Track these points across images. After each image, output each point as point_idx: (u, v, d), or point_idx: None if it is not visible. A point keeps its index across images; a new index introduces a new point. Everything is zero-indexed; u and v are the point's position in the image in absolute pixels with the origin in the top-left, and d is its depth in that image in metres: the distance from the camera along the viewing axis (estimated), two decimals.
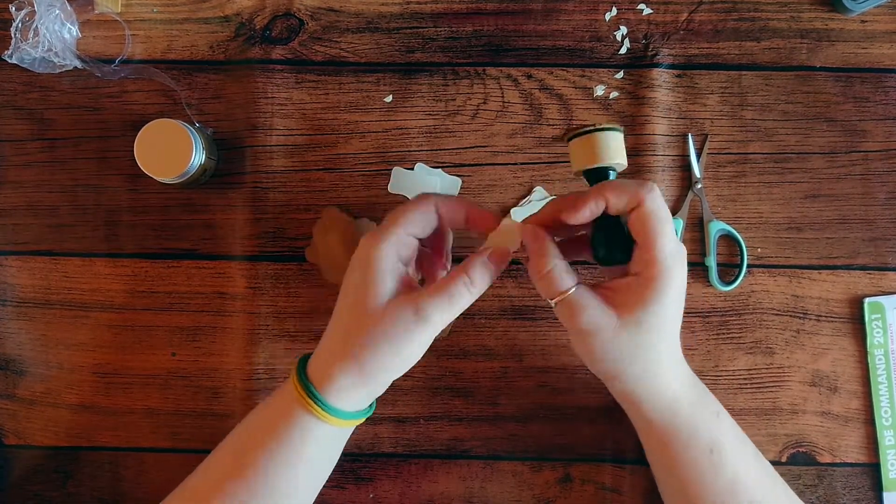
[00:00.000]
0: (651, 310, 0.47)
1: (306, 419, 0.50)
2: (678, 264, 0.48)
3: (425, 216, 0.51)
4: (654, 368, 0.50)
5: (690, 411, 0.51)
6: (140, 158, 0.58)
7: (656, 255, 0.47)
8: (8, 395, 0.64)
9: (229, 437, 0.54)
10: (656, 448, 0.54)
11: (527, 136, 0.64)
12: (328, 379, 0.50)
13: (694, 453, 0.51)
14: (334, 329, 0.52)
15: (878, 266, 0.63)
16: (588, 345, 0.49)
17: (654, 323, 0.48)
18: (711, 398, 0.53)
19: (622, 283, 0.49)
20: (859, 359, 0.63)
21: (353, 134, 0.64)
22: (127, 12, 0.65)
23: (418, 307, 0.49)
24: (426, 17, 0.64)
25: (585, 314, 0.48)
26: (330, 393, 0.50)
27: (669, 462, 0.53)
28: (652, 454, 0.56)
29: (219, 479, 0.52)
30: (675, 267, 0.48)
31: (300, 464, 0.52)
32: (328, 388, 0.50)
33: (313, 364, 0.52)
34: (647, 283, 0.47)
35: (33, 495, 0.63)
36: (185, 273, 0.64)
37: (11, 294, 0.64)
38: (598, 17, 0.64)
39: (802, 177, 0.64)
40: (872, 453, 0.62)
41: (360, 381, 0.50)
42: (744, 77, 0.64)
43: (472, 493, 0.63)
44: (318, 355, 0.52)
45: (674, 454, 0.52)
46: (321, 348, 0.52)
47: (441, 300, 0.49)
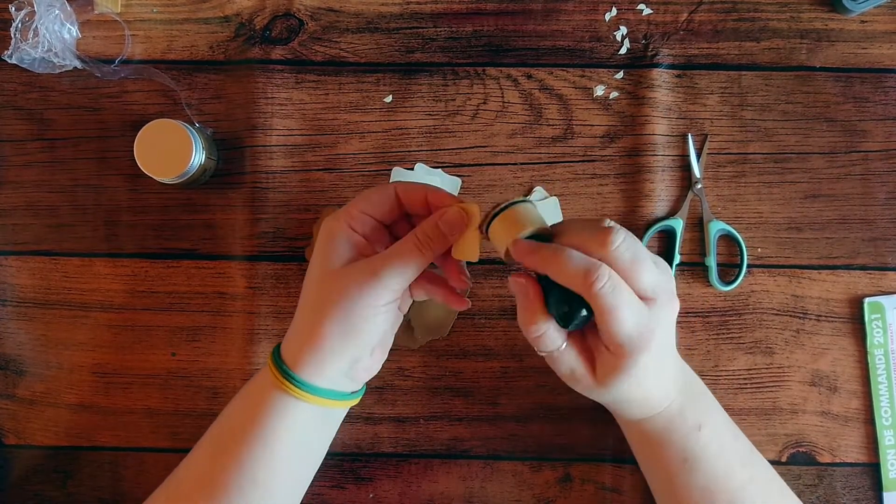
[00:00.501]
0: (620, 380, 0.47)
1: (282, 399, 0.51)
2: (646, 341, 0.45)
3: (381, 196, 0.52)
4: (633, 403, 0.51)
5: (666, 427, 0.52)
6: (140, 158, 0.58)
7: (615, 342, 0.45)
8: (8, 395, 0.63)
9: (209, 429, 0.54)
10: (638, 447, 0.56)
11: (527, 137, 0.64)
12: (298, 356, 0.50)
13: (667, 461, 0.53)
14: (298, 308, 0.52)
15: (878, 266, 0.63)
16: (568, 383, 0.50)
17: (626, 387, 0.48)
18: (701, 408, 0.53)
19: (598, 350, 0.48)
20: (859, 359, 0.63)
21: (353, 134, 0.64)
22: (127, 12, 0.65)
23: (372, 265, 0.49)
24: (426, 17, 0.64)
25: (566, 371, 0.49)
26: (302, 369, 0.50)
27: (650, 462, 0.55)
28: (635, 450, 0.58)
29: (200, 471, 0.52)
30: (642, 346, 0.45)
31: (280, 447, 0.52)
32: (300, 364, 0.50)
33: (285, 345, 0.52)
34: (616, 361, 0.46)
35: (33, 495, 0.63)
36: (185, 273, 0.64)
37: (11, 294, 0.64)
38: (598, 17, 0.64)
39: (802, 177, 0.64)
40: (872, 453, 0.62)
41: (326, 351, 0.50)
42: (744, 77, 0.64)
43: (472, 493, 0.63)
44: (288, 337, 0.53)
45: (653, 456, 0.54)
46: (290, 329, 0.53)
47: (393, 259, 0.49)
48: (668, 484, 0.53)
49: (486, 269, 0.63)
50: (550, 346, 0.48)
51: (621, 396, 0.49)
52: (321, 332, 0.50)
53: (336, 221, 0.51)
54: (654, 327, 0.46)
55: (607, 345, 0.46)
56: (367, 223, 0.52)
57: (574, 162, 0.64)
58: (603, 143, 0.64)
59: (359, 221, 0.51)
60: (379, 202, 0.52)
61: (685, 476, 0.52)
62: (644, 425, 0.53)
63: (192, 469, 0.54)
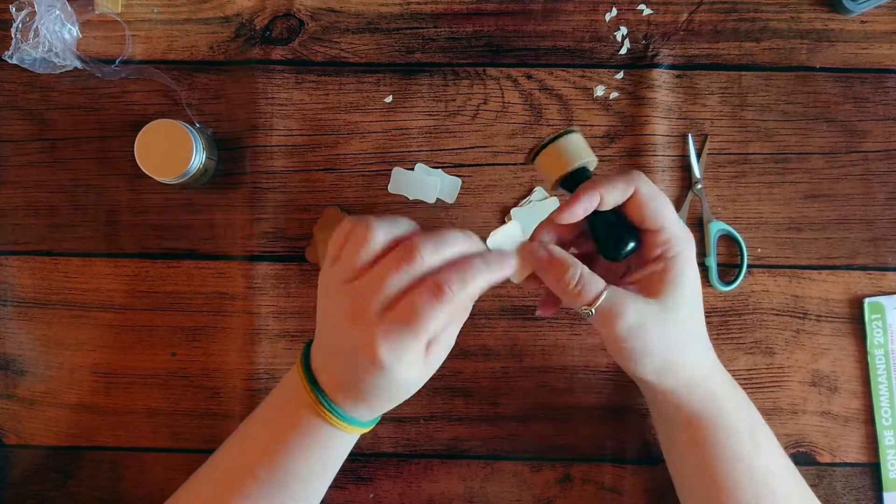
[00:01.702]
0: (683, 287, 0.47)
1: (324, 427, 0.48)
2: (689, 241, 0.48)
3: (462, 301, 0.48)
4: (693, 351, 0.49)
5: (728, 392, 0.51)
6: (140, 158, 0.58)
7: (669, 235, 0.47)
8: (8, 395, 0.64)
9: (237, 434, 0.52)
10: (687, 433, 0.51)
11: (527, 137, 0.64)
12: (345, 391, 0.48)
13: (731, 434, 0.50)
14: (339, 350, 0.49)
15: (878, 266, 0.63)
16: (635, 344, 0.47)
17: (689, 301, 0.48)
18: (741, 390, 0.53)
19: (646, 273, 0.48)
20: (859, 359, 0.63)
21: (354, 134, 0.64)
22: (127, 13, 0.65)
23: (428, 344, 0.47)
24: (426, 17, 0.64)
25: (628, 312, 0.46)
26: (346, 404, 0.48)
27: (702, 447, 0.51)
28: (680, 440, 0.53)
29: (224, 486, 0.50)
30: (688, 243, 0.48)
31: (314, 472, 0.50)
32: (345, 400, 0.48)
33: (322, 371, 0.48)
34: (670, 263, 0.47)
35: (33, 495, 0.63)
36: (185, 273, 0.64)
37: (11, 294, 0.64)
38: (598, 17, 0.64)
39: (802, 177, 0.64)
40: (872, 453, 0.62)
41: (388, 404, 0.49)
42: (744, 77, 0.64)
43: (472, 493, 0.63)
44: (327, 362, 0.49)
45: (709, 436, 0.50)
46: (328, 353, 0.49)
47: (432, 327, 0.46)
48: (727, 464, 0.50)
49: None
50: (593, 289, 0.46)
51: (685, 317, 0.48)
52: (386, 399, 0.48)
53: (406, 361, 0.46)
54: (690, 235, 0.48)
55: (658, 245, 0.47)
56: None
57: None
58: (603, 143, 0.64)
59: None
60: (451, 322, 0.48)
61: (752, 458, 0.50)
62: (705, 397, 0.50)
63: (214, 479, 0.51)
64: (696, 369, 0.50)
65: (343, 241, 0.47)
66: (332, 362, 0.48)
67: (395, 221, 0.47)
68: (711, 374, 0.51)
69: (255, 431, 0.51)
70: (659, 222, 0.47)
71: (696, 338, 0.50)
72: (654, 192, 0.48)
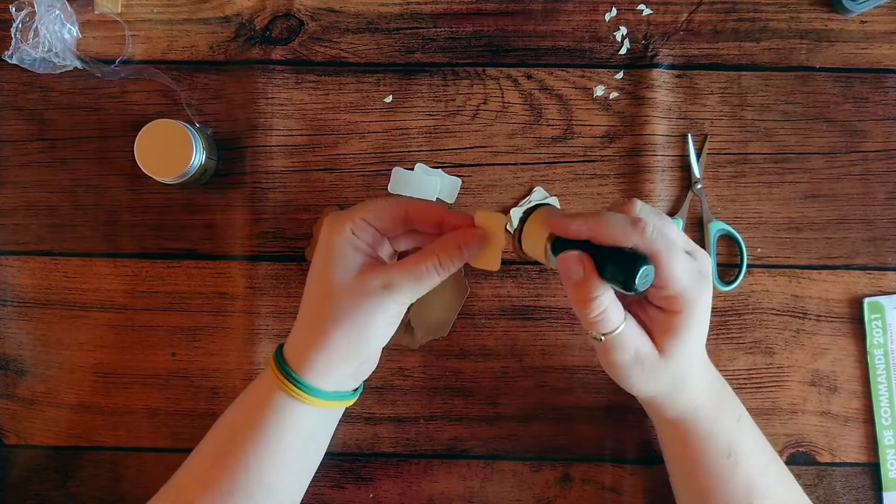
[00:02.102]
0: (682, 341, 0.47)
1: (287, 402, 0.51)
2: (699, 294, 0.46)
3: (390, 212, 0.51)
4: (683, 386, 0.50)
5: (712, 416, 0.52)
6: (140, 158, 0.58)
7: (676, 290, 0.45)
8: (8, 395, 0.64)
9: (211, 430, 0.54)
10: (675, 447, 0.54)
11: (527, 137, 0.64)
12: (304, 359, 0.50)
13: (711, 456, 0.52)
14: (303, 311, 0.52)
15: (878, 266, 0.63)
16: (625, 376, 0.48)
17: (686, 352, 0.48)
18: (734, 402, 0.54)
19: (652, 315, 0.48)
20: (859, 359, 0.63)
21: (353, 134, 0.64)
22: (127, 13, 0.65)
23: (387, 280, 0.49)
24: (426, 17, 0.64)
25: (630, 349, 0.47)
26: (307, 373, 0.50)
27: (688, 463, 0.53)
28: (669, 453, 0.56)
29: (203, 473, 0.52)
30: (699, 295, 0.46)
31: (284, 449, 0.52)
32: (305, 368, 0.50)
33: (288, 348, 0.52)
34: (674, 316, 0.46)
35: (33, 495, 0.63)
36: (185, 273, 0.64)
37: (11, 294, 0.64)
38: (598, 17, 0.64)
39: (802, 177, 0.64)
40: (872, 453, 0.62)
41: (335, 357, 0.50)
42: (743, 77, 0.64)
43: (472, 493, 0.63)
44: (291, 339, 0.52)
45: (692, 455, 0.52)
46: (293, 332, 0.53)
47: (409, 277, 0.49)
48: (708, 483, 0.52)
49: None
50: (613, 322, 0.45)
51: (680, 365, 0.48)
52: (330, 340, 0.50)
53: (340, 227, 0.50)
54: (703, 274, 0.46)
55: (664, 299, 0.46)
56: (369, 233, 0.51)
57: (574, 162, 0.64)
58: (603, 143, 0.64)
59: (362, 230, 0.51)
60: (387, 217, 0.51)
61: (728, 472, 0.51)
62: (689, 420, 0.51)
63: (193, 471, 0.53)
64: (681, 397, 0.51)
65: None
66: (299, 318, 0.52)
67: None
68: (700, 396, 0.51)
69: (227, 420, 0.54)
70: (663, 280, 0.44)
71: (692, 374, 0.50)
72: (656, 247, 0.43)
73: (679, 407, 0.51)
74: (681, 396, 0.51)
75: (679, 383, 0.50)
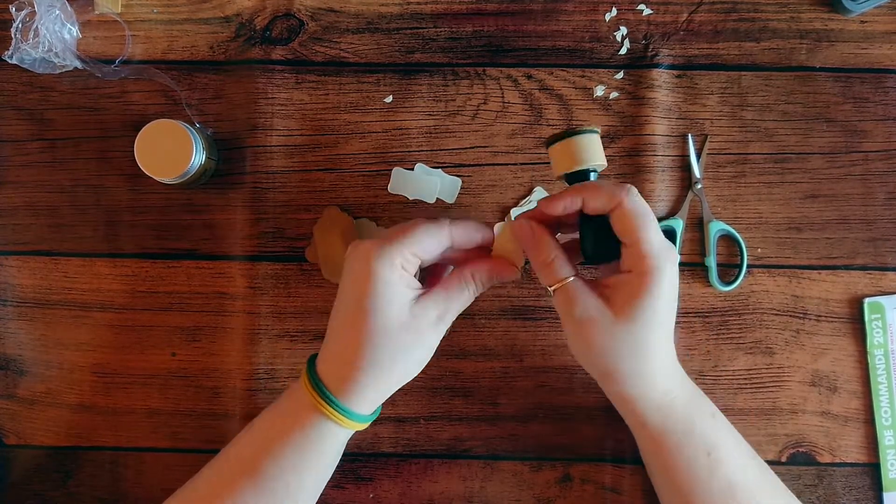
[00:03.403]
0: (643, 304, 0.48)
1: (323, 423, 0.51)
2: (667, 260, 0.48)
3: (437, 241, 0.51)
4: (648, 365, 0.50)
5: (685, 411, 0.51)
6: (140, 158, 0.58)
7: (644, 251, 0.48)
8: (8, 395, 0.64)
9: (238, 440, 0.54)
10: (651, 449, 0.53)
11: (527, 137, 0.64)
12: (346, 385, 0.50)
13: (690, 454, 0.51)
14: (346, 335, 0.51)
15: (878, 266, 0.63)
16: (584, 338, 0.49)
17: (647, 318, 0.48)
18: (706, 399, 0.54)
19: (616, 279, 0.49)
20: (859, 359, 0.63)
21: (354, 134, 0.64)
22: (127, 13, 0.65)
23: (441, 311, 0.51)
24: (426, 17, 0.64)
25: (581, 304, 0.49)
26: (348, 399, 0.50)
27: (665, 463, 0.53)
28: (647, 455, 0.56)
29: (227, 481, 0.52)
30: (665, 262, 0.48)
31: (313, 470, 0.52)
32: (349, 394, 0.50)
33: (325, 368, 0.51)
34: (639, 279, 0.48)
35: (33, 495, 0.63)
36: (185, 273, 0.64)
37: (11, 294, 0.64)
38: (598, 17, 0.64)
39: (802, 177, 0.64)
40: (872, 453, 0.62)
41: (382, 387, 0.51)
42: (744, 77, 0.64)
43: (472, 493, 0.63)
44: (329, 360, 0.52)
45: (669, 455, 0.52)
46: (330, 355, 0.52)
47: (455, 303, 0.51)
48: (688, 483, 0.52)
49: None
50: (560, 273, 0.50)
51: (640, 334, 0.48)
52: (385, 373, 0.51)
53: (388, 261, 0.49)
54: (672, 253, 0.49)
55: (634, 263, 0.48)
56: (416, 264, 0.51)
57: None
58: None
59: (411, 264, 0.51)
60: (434, 249, 0.51)
61: (708, 472, 0.51)
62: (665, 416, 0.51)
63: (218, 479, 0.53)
64: (649, 383, 0.50)
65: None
66: (333, 337, 0.52)
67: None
68: (671, 390, 0.51)
69: (255, 431, 0.53)
70: (634, 239, 0.48)
71: (653, 352, 0.49)
72: (637, 209, 0.48)
73: (649, 397, 0.51)
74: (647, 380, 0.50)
75: (642, 358, 0.49)
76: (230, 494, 0.51)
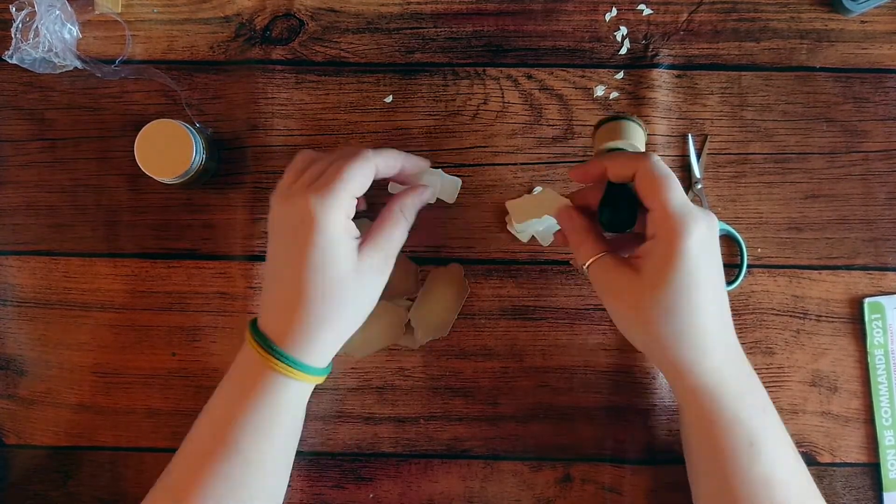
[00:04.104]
0: (672, 267, 0.47)
1: (279, 380, 0.51)
2: (693, 217, 0.47)
3: (368, 177, 0.53)
4: (689, 329, 0.48)
5: (736, 401, 0.50)
6: (140, 158, 0.58)
7: (667, 211, 0.47)
8: (8, 395, 0.64)
9: (199, 420, 0.54)
10: (697, 425, 0.52)
11: (527, 137, 0.64)
12: (294, 336, 0.51)
13: (733, 442, 0.50)
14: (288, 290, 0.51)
15: (878, 266, 0.63)
16: (621, 309, 0.50)
17: (679, 281, 0.47)
18: (760, 389, 0.52)
19: (645, 247, 0.49)
20: (859, 359, 0.63)
21: (354, 134, 0.64)
22: (127, 13, 0.65)
23: (385, 252, 0.52)
24: (426, 17, 0.64)
25: (615, 276, 0.50)
26: (297, 350, 0.51)
27: (710, 444, 0.51)
28: (691, 434, 0.54)
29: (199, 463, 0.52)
30: (690, 222, 0.47)
31: (281, 430, 0.53)
32: (295, 345, 0.51)
33: (270, 325, 0.52)
34: (664, 242, 0.47)
35: (33, 495, 0.63)
36: (185, 273, 0.64)
37: (11, 294, 0.64)
38: (598, 17, 0.64)
39: (802, 177, 0.64)
40: (872, 453, 0.62)
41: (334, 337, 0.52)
42: (744, 77, 0.64)
43: (472, 493, 0.63)
44: (272, 317, 0.52)
45: (715, 437, 0.51)
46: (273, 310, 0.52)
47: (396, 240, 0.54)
48: (727, 468, 0.51)
49: (486, 269, 0.63)
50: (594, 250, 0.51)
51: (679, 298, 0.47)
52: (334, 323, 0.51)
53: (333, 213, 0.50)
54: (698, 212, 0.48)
55: (658, 223, 0.48)
56: (353, 207, 0.52)
57: (574, 162, 0.64)
58: None
59: (351, 207, 0.52)
60: (365, 185, 0.52)
61: (747, 461, 0.50)
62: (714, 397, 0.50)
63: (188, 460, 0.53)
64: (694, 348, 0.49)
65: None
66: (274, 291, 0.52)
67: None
68: (722, 367, 0.50)
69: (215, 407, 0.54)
70: (656, 202, 0.48)
71: (692, 315, 0.48)
72: (657, 173, 0.48)
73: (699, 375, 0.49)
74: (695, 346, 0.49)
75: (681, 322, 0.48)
76: (210, 474, 0.51)
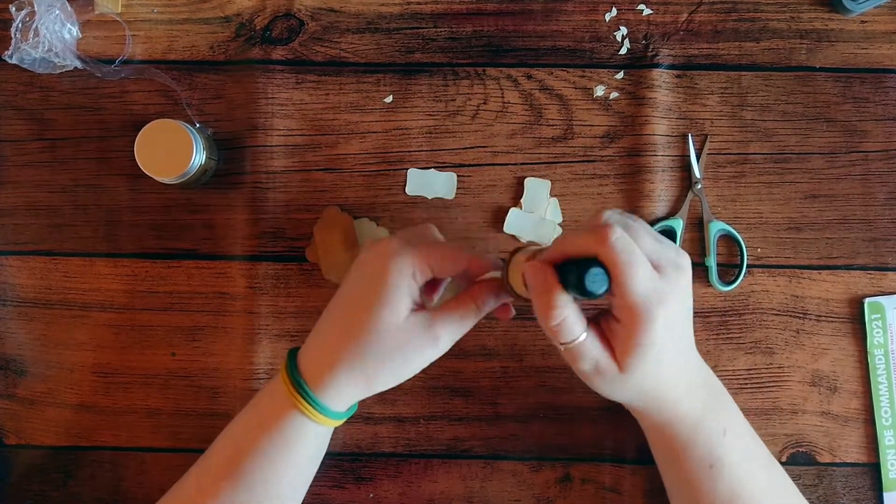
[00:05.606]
0: (637, 355, 0.47)
1: (297, 418, 0.51)
2: (657, 301, 0.45)
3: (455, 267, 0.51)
4: (654, 399, 0.50)
5: (692, 429, 0.51)
6: (140, 158, 0.58)
7: (627, 300, 0.45)
8: (8, 395, 0.64)
9: (220, 438, 0.54)
10: (661, 451, 0.55)
11: (527, 137, 0.64)
12: (324, 379, 0.51)
13: (692, 465, 0.52)
14: (335, 330, 0.52)
15: (878, 266, 0.63)
16: (592, 383, 0.50)
17: (646, 368, 0.47)
18: (724, 411, 0.53)
19: (615, 328, 0.47)
20: (859, 359, 0.63)
21: (354, 134, 0.64)
22: (127, 13, 0.65)
23: (434, 332, 0.50)
24: (426, 17, 0.64)
25: (587, 359, 0.48)
26: (324, 394, 0.51)
27: (674, 467, 0.54)
28: (657, 455, 0.56)
29: (210, 483, 0.52)
30: (653, 304, 0.45)
31: (290, 465, 0.52)
32: (323, 388, 0.51)
33: (306, 362, 0.52)
34: (627, 330, 0.46)
35: (34, 495, 0.63)
36: (185, 273, 0.64)
37: (11, 294, 0.64)
38: (598, 17, 0.64)
39: (802, 177, 0.64)
40: (872, 453, 0.62)
41: (362, 388, 0.51)
42: (744, 77, 0.64)
43: (472, 493, 0.63)
44: (311, 354, 0.52)
45: (677, 460, 0.53)
46: (316, 347, 0.52)
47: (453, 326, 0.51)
48: (692, 490, 0.52)
49: None
50: (573, 332, 0.47)
51: (644, 381, 0.48)
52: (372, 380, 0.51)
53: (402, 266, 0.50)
54: (666, 290, 0.45)
55: (622, 310, 0.46)
56: (426, 277, 0.51)
57: (574, 162, 0.64)
58: (603, 143, 0.64)
59: (422, 274, 0.51)
60: (449, 269, 0.51)
61: (710, 482, 0.51)
62: (669, 430, 0.51)
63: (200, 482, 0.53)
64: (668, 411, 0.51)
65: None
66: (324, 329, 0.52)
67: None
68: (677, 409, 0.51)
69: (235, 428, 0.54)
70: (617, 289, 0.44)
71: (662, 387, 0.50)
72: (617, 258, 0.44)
73: (656, 417, 0.52)
74: (655, 406, 0.51)
75: (647, 396, 0.50)
76: (214, 493, 0.51)
